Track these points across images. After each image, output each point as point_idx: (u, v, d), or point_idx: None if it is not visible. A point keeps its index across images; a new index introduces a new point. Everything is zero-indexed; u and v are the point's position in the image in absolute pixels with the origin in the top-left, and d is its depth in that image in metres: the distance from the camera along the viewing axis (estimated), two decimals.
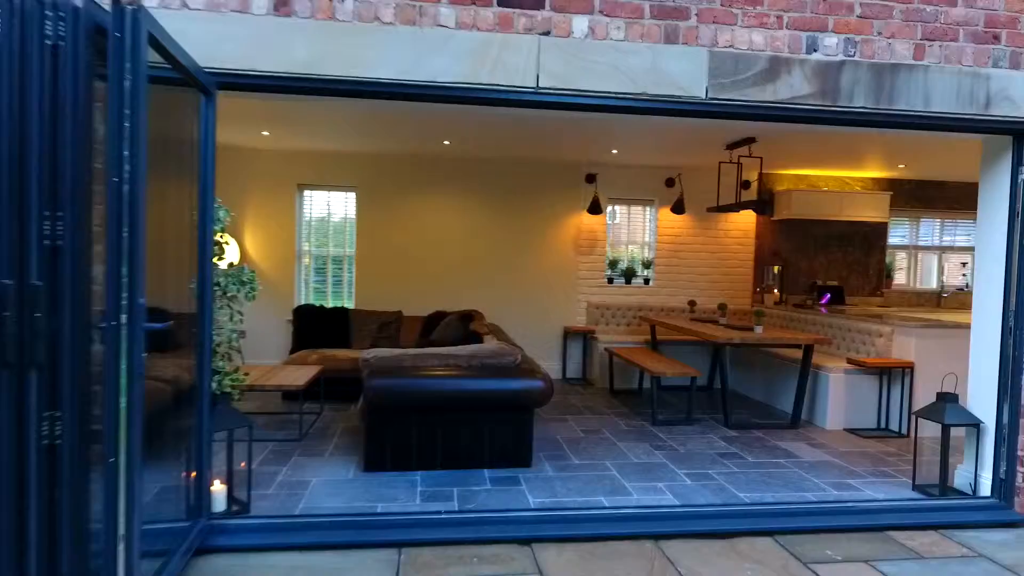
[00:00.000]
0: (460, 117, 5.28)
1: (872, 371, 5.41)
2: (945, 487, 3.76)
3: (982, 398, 3.75)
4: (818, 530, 3.34)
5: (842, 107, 3.32)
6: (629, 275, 7.58)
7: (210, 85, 2.91)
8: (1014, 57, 3.45)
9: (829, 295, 7.66)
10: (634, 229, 7.75)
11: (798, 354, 5.94)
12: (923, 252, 8.32)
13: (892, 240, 8.14)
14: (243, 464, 3.53)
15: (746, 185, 7.64)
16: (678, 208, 7.32)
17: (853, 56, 3.33)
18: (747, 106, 3.27)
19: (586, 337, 7.41)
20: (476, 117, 5.22)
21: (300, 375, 4.96)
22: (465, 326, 5.35)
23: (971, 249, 8.40)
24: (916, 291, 8.20)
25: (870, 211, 7.58)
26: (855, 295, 7.97)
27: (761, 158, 6.18)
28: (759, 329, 5.47)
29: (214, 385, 3.16)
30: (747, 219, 7.72)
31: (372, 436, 4.00)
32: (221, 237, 3.16)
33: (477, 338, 4.78)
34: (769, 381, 6.31)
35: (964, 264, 8.38)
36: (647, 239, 7.73)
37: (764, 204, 5.86)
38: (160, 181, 2.99)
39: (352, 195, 7.27)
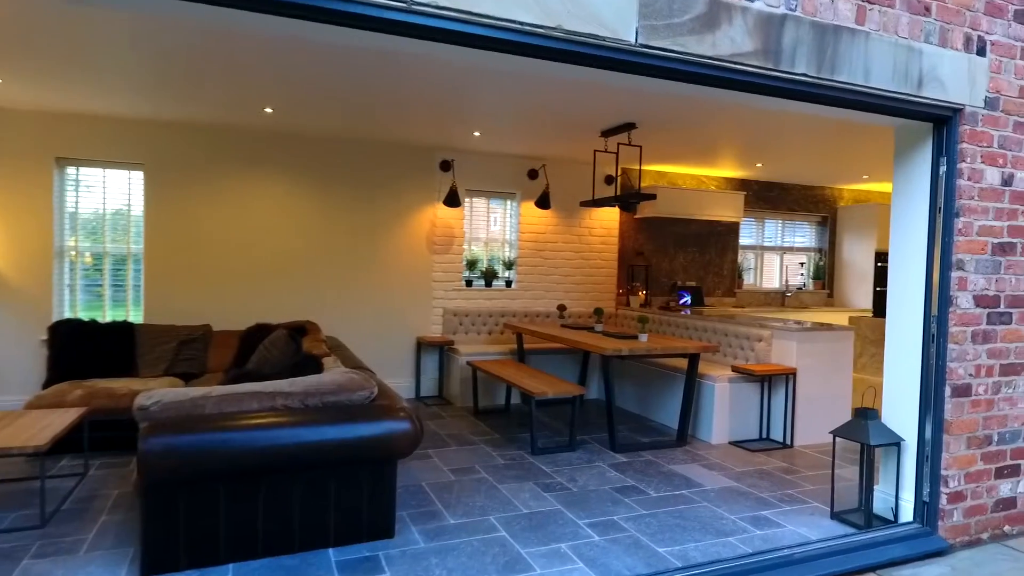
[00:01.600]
0: (286, 72, 4.03)
1: (754, 379, 5.09)
2: (870, 515, 3.36)
3: (900, 412, 3.40)
4: None
5: (784, 72, 2.72)
6: (489, 277, 6.74)
7: None
8: (943, 33, 3.09)
9: (689, 296, 7.46)
10: (495, 224, 6.92)
11: (676, 362, 5.50)
12: (767, 252, 8.49)
13: (741, 240, 8.18)
14: None
15: (608, 181, 7.19)
16: (543, 202, 6.63)
17: (795, 11, 2.73)
18: (683, 60, 2.53)
19: (443, 349, 6.44)
20: (307, 71, 4.01)
21: (46, 425, 3.42)
22: (296, 345, 4.12)
23: (808, 250, 8.75)
24: (763, 291, 8.33)
25: (727, 210, 7.49)
26: (710, 295, 7.89)
27: (640, 147, 5.66)
28: (644, 337, 4.89)
29: None
30: (610, 216, 7.26)
31: (156, 520, 2.69)
32: None
33: (313, 363, 3.60)
34: (644, 391, 5.81)
35: (802, 264, 8.70)
36: (508, 236, 6.95)
37: (646, 197, 5.32)
38: None
39: (138, 174, 5.59)
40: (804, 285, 8.68)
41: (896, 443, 3.34)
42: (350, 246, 6.20)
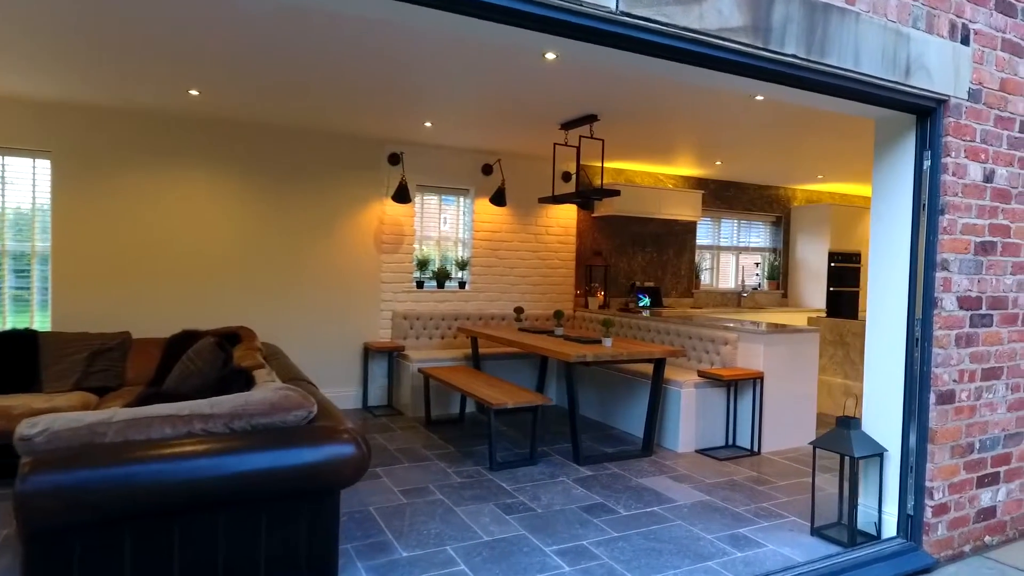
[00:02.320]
0: (213, 49, 3.56)
1: (721, 384, 4.89)
2: (854, 532, 3.15)
3: (883, 421, 3.22)
4: None
5: (773, 52, 2.47)
6: (442, 278, 6.36)
7: None
8: (929, 18, 2.91)
9: (647, 297, 7.27)
10: (446, 222, 6.54)
11: (639, 366, 5.26)
12: (723, 252, 8.40)
13: (697, 240, 8.05)
14: None
15: (566, 177, 6.92)
16: (498, 199, 6.29)
17: None
18: (667, 33, 2.24)
19: (392, 355, 6.02)
20: (237, 48, 3.55)
21: None
22: (225, 355, 3.65)
23: (762, 249, 8.71)
24: (720, 291, 8.23)
25: (685, 209, 7.33)
26: (668, 295, 7.73)
27: (603, 140, 5.39)
28: (608, 342, 4.62)
29: None
30: (568, 215, 6.99)
31: (42, 574, 2.22)
32: None
33: (242, 377, 3.16)
34: (605, 397, 5.55)
35: (757, 264, 8.65)
36: (462, 235, 6.58)
37: (610, 192, 5.04)
38: None
39: (45, 163, 4.97)
40: (759, 285, 8.64)
41: (879, 454, 3.16)
42: (290, 244, 5.71)
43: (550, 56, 3.54)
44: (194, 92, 4.47)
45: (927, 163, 3.06)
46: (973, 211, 3.13)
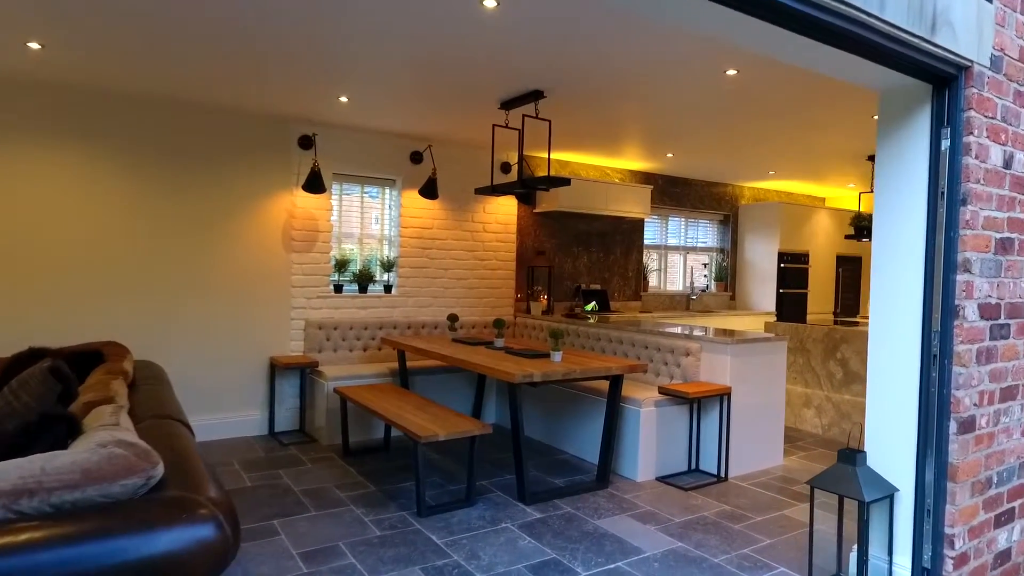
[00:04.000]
0: None
1: (685, 401, 4.32)
2: None
3: (892, 454, 2.68)
4: None
5: None
6: (364, 280, 5.54)
7: None
8: None
9: (594, 300, 6.68)
10: (369, 218, 5.73)
11: (593, 382, 4.62)
12: (671, 252, 7.93)
13: (645, 239, 7.53)
14: None
15: (506, 168, 6.25)
16: (429, 191, 5.54)
17: None
18: None
19: (304, 372, 5.16)
20: None
21: None
22: (62, 387, 2.74)
23: (710, 249, 8.30)
24: (668, 294, 7.75)
25: (634, 206, 6.79)
26: (615, 299, 7.17)
27: (549, 121, 4.71)
28: (557, 356, 3.94)
29: None
30: (507, 210, 6.31)
31: None
32: None
33: (68, 424, 2.28)
34: (552, 416, 4.89)
35: (705, 265, 8.23)
36: (388, 232, 5.78)
37: (559, 181, 4.34)
38: None
39: None
40: (707, 287, 8.22)
41: (889, 495, 2.62)
42: (178, 241, 4.76)
43: (489, 3, 2.83)
44: (34, 45, 3.49)
45: (945, 143, 2.54)
46: (994, 201, 2.63)
